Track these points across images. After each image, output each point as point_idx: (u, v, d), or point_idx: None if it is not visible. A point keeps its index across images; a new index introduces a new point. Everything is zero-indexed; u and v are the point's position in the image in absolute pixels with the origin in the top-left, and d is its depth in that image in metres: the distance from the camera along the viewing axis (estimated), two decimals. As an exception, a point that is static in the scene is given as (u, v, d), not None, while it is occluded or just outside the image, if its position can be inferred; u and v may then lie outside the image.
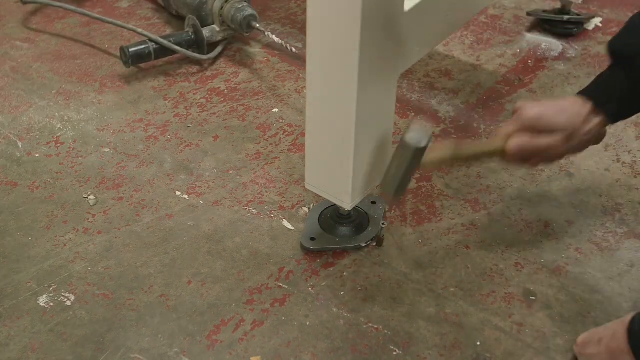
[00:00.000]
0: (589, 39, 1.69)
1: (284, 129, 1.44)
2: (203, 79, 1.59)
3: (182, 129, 1.44)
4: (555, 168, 1.33)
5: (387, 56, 0.99)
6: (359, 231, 1.18)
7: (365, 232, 1.18)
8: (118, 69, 1.61)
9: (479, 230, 1.21)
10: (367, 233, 1.18)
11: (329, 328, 1.06)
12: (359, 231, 1.18)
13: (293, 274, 1.14)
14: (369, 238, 1.17)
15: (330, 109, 1.00)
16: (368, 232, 1.18)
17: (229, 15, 1.61)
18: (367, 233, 1.18)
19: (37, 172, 1.33)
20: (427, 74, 1.59)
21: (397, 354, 1.02)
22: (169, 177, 1.32)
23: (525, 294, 1.10)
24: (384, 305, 1.09)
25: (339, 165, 1.05)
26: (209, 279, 1.13)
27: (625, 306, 1.08)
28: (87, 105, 1.51)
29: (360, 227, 1.19)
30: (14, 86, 1.56)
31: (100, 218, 1.24)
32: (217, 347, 1.03)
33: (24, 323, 1.06)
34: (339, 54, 0.94)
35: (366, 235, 1.17)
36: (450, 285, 1.12)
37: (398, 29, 0.99)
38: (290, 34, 1.73)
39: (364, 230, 1.18)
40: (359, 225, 1.19)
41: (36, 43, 1.70)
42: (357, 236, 1.17)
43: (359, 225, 1.19)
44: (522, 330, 1.05)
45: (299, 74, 1.59)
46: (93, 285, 1.12)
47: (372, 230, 1.18)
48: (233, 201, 1.27)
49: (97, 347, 1.03)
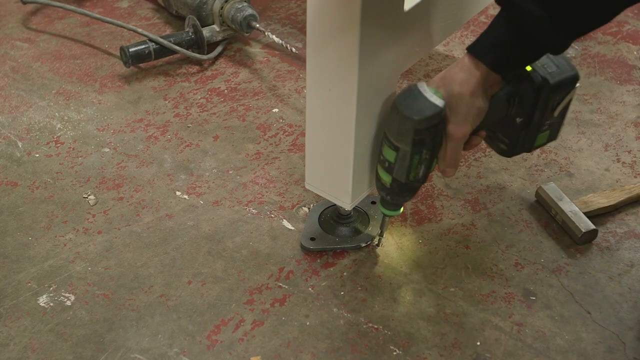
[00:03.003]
0: (588, 38, 1.69)
1: (284, 129, 1.44)
2: (203, 79, 1.59)
3: (182, 129, 1.44)
4: (555, 168, 1.33)
5: (387, 56, 0.99)
6: (359, 231, 1.18)
7: (366, 232, 1.18)
8: (118, 69, 1.61)
9: (479, 230, 1.21)
10: (368, 233, 1.18)
11: (329, 328, 1.06)
12: (359, 231, 1.18)
13: (293, 274, 1.14)
14: (370, 238, 1.17)
15: (330, 108, 1.00)
16: (368, 232, 1.18)
17: (229, 15, 1.61)
18: (368, 233, 1.18)
19: (37, 172, 1.33)
20: (427, 74, 1.59)
21: (397, 354, 1.02)
22: (169, 177, 1.32)
23: (525, 294, 1.10)
24: (384, 305, 1.09)
25: (339, 165, 1.05)
26: (209, 279, 1.13)
27: (625, 306, 1.08)
28: (87, 105, 1.51)
29: (360, 227, 1.19)
30: (14, 86, 1.56)
31: (100, 218, 1.24)
32: (217, 347, 1.03)
33: (24, 323, 1.06)
34: (338, 53, 0.94)
35: (366, 236, 1.17)
36: (450, 285, 1.12)
37: (398, 29, 0.99)
38: (290, 34, 1.73)
39: (364, 230, 1.18)
40: (359, 224, 1.19)
41: (36, 43, 1.70)
42: (357, 236, 1.17)
43: (360, 224, 1.19)
44: (522, 330, 1.05)
45: (299, 74, 1.59)
46: (93, 285, 1.12)
47: (372, 230, 1.18)
48: (233, 201, 1.27)
49: (97, 347, 1.03)
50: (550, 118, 1.03)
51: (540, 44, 0.90)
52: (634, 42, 1.68)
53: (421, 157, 0.97)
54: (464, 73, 0.93)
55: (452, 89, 0.94)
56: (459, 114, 0.95)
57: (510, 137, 1.05)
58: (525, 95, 0.99)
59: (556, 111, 1.02)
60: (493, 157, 1.36)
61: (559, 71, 0.99)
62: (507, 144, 1.06)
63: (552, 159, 1.35)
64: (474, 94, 0.94)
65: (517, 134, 1.04)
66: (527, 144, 1.06)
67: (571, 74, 1.00)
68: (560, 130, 1.08)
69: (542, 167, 1.33)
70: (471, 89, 0.93)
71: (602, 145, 1.39)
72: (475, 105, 0.94)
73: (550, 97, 1.00)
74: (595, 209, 1.21)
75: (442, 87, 0.95)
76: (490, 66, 0.92)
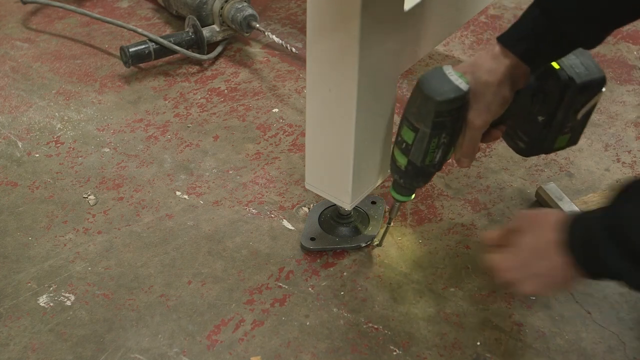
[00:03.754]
0: (589, 39, 1.69)
1: (284, 129, 1.44)
2: (203, 79, 1.59)
3: (182, 129, 1.44)
4: (555, 168, 1.33)
5: (387, 56, 0.99)
6: (359, 231, 1.18)
7: (365, 233, 1.18)
8: (118, 69, 1.61)
9: (479, 230, 1.21)
10: (367, 234, 1.18)
11: (329, 328, 1.06)
12: (359, 231, 1.18)
13: (293, 274, 1.14)
14: (370, 238, 1.17)
15: (330, 108, 1.00)
16: (368, 232, 1.18)
17: (229, 15, 1.61)
18: (367, 234, 1.18)
19: (37, 172, 1.33)
20: (427, 74, 1.59)
21: (397, 354, 1.02)
22: (169, 177, 1.32)
23: (525, 294, 1.10)
24: (384, 305, 1.09)
25: (339, 165, 1.05)
26: (209, 279, 1.13)
27: (625, 306, 1.08)
28: (87, 105, 1.51)
29: (360, 227, 1.19)
30: (14, 86, 1.56)
31: (100, 218, 1.24)
32: (217, 347, 1.03)
33: (24, 323, 1.06)
34: (338, 53, 0.94)
35: (366, 236, 1.17)
36: (450, 285, 1.12)
37: (398, 29, 0.99)
38: (290, 33, 1.73)
39: (364, 230, 1.18)
40: (359, 224, 1.19)
41: (36, 43, 1.70)
42: (357, 236, 1.17)
43: (360, 224, 1.19)
44: (522, 330, 1.05)
45: (299, 74, 1.59)
46: (93, 285, 1.12)
47: (372, 230, 1.18)
48: (233, 201, 1.27)
49: (97, 347, 1.03)
50: (572, 120, 1.02)
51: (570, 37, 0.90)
52: (634, 42, 1.68)
53: (439, 141, 0.96)
54: (493, 61, 0.93)
55: (479, 76, 0.94)
56: (483, 101, 0.94)
57: (530, 135, 1.04)
58: (550, 93, 0.99)
59: (579, 114, 1.01)
60: (493, 157, 1.36)
61: (587, 73, 0.97)
62: (525, 142, 1.06)
63: (552, 159, 1.35)
64: (501, 83, 0.93)
65: (537, 132, 1.03)
66: (547, 144, 1.05)
67: (599, 77, 0.98)
68: (581, 136, 1.06)
69: (542, 167, 1.33)
70: (499, 77, 0.93)
71: (602, 145, 1.39)
72: (500, 93, 0.94)
73: (575, 98, 0.98)
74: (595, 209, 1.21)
75: (469, 74, 0.94)
76: (519, 56, 0.92)
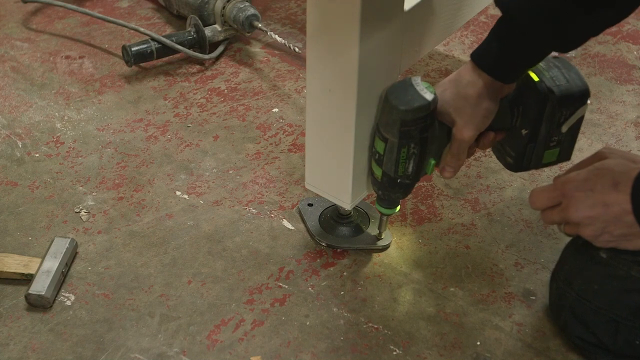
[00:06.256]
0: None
1: (284, 129, 1.44)
2: (203, 78, 1.59)
3: (182, 128, 1.44)
4: (555, 168, 1.33)
5: (386, 56, 0.99)
6: (362, 230, 1.18)
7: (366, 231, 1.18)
8: (118, 68, 1.61)
9: (479, 230, 1.21)
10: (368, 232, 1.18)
11: (329, 328, 1.06)
12: (361, 230, 1.18)
13: (293, 273, 1.14)
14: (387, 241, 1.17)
15: (330, 108, 1.00)
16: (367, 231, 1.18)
17: (231, 15, 1.61)
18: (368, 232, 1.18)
19: (37, 172, 1.33)
20: (427, 74, 1.59)
21: (397, 354, 1.02)
22: (169, 177, 1.32)
23: (525, 294, 1.10)
24: (384, 305, 1.09)
25: (339, 165, 1.05)
26: (209, 278, 1.13)
27: (625, 306, 1.08)
28: (87, 105, 1.51)
29: (361, 227, 1.19)
30: (14, 86, 1.56)
31: (100, 218, 1.24)
32: (217, 347, 1.03)
33: (24, 323, 1.06)
34: (338, 53, 0.94)
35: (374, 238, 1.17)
36: (450, 285, 1.12)
37: (398, 29, 0.99)
38: (290, 33, 1.73)
39: (366, 229, 1.18)
40: (360, 225, 1.19)
41: (36, 43, 1.70)
42: (366, 238, 1.17)
43: (361, 225, 1.19)
44: (522, 330, 1.05)
45: (299, 73, 1.59)
46: (93, 285, 1.12)
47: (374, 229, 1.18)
48: (233, 201, 1.27)
49: (97, 347, 1.03)
50: (557, 134, 1.01)
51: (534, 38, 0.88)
52: (634, 42, 1.68)
53: (409, 151, 0.97)
54: (471, 74, 0.94)
55: (458, 91, 0.94)
56: (465, 115, 0.95)
57: (516, 150, 1.04)
58: (529, 105, 0.98)
59: (564, 127, 1.00)
60: (493, 156, 1.36)
61: (567, 85, 0.96)
62: (513, 157, 1.05)
63: (552, 159, 1.35)
64: (480, 96, 0.94)
65: (523, 147, 1.03)
66: (535, 159, 1.04)
67: (580, 89, 0.97)
68: (573, 150, 1.06)
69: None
70: (477, 91, 0.93)
71: (602, 145, 1.39)
72: (482, 106, 0.94)
73: (556, 111, 0.97)
74: None
75: (450, 89, 0.95)
76: (486, 71, 0.92)
